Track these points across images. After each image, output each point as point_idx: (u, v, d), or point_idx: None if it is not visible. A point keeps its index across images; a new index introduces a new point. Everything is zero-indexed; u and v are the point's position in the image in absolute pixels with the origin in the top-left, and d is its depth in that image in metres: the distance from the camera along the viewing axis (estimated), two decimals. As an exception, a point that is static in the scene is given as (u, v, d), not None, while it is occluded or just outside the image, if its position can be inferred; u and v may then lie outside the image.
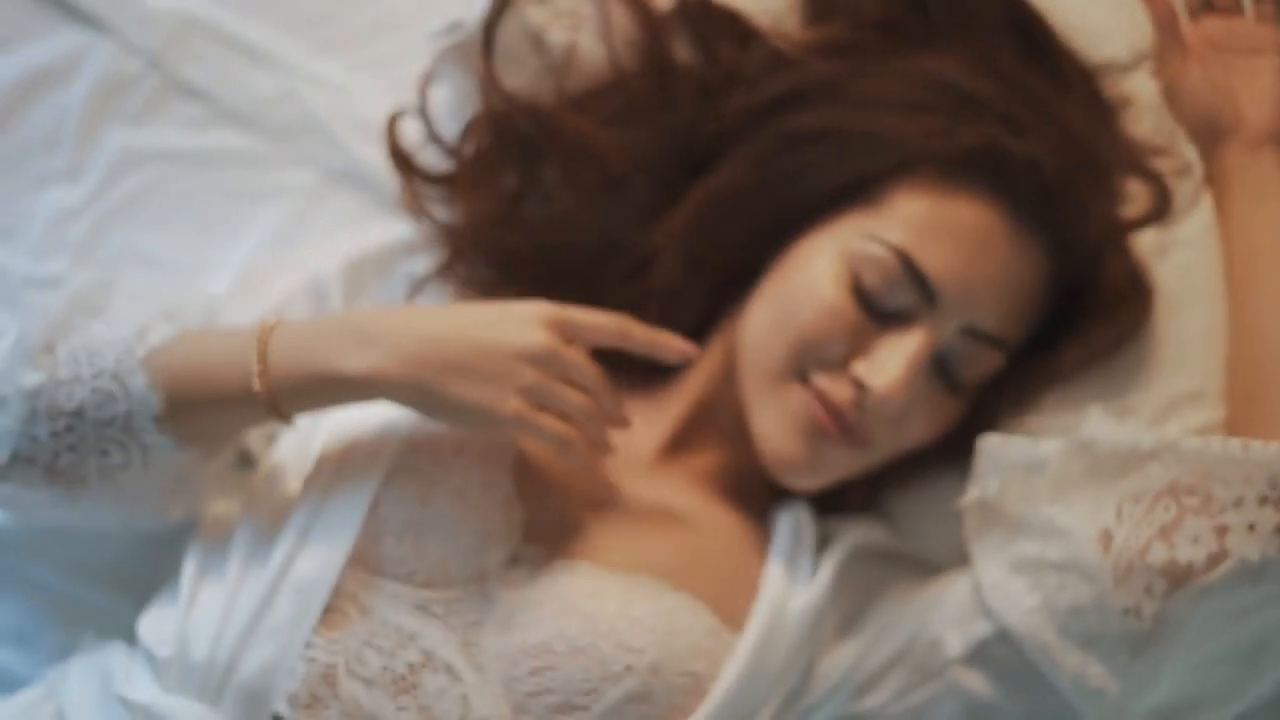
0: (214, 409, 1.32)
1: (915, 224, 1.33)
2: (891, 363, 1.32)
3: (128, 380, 1.32)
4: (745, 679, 1.31)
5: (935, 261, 1.32)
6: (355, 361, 1.28)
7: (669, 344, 1.34)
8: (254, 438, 1.44)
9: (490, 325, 1.29)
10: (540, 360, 1.28)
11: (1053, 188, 1.34)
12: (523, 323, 1.29)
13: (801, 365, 1.35)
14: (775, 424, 1.36)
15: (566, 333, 1.30)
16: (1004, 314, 1.35)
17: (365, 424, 1.37)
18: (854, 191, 1.35)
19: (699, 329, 1.45)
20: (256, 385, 1.29)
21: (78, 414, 1.32)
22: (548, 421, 1.29)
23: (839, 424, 1.33)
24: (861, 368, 1.33)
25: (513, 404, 1.27)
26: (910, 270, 1.32)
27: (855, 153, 1.35)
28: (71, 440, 1.33)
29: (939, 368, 1.35)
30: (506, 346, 1.28)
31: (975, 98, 1.36)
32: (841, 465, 1.38)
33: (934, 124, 1.34)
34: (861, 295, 1.33)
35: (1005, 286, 1.34)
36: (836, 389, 1.33)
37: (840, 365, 1.34)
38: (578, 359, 1.30)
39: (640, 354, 1.34)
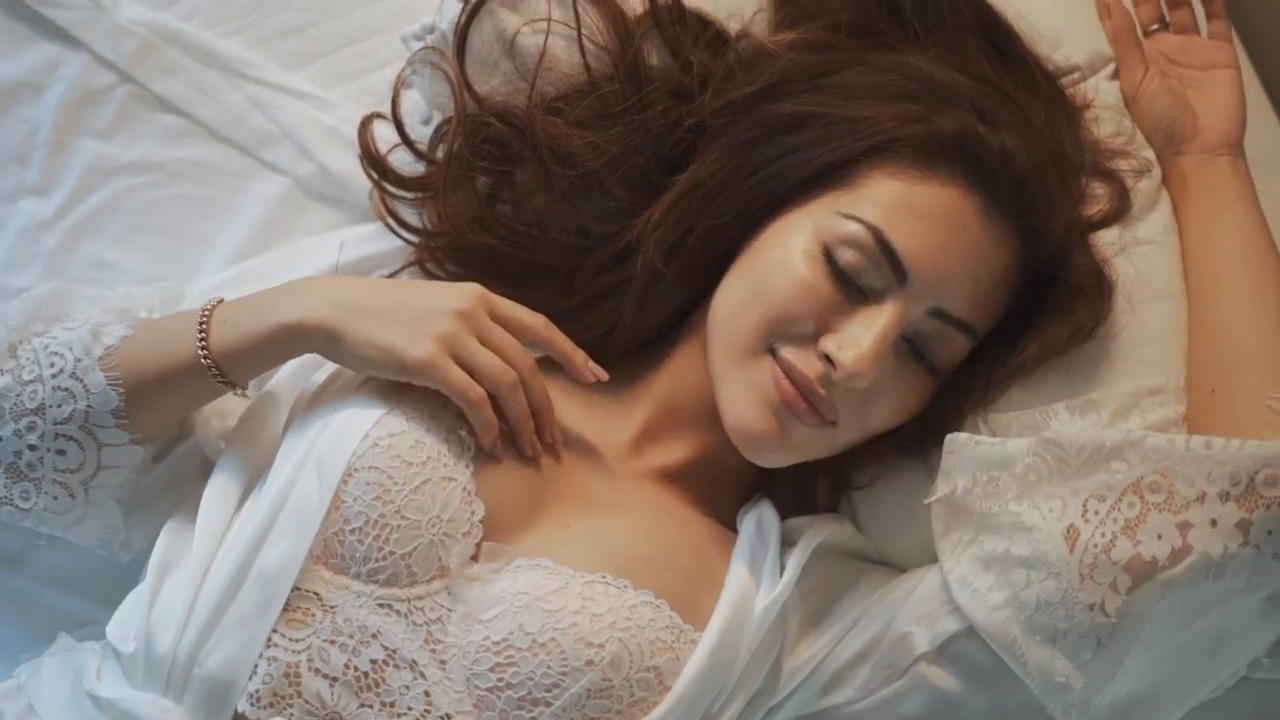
0: (168, 387, 1.36)
1: (890, 204, 1.34)
2: (862, 339, 1.32)
3: (86, 377, 1.35)
4: (707, 674, 1.30)
5: (908, 241, 1.33)
6: (287, 310, 1.33)
7: (585, 364, 1.37)
8: (209, 443, 1.45)
9: (419, 290, 1.37)
10: (461, 315, 1.32)
11: (1025, 176, 1.35)
12: (452, 290, 1.35)
13: (771, 340, 1.35)
14: (742, 397, 1.35)
15: (493, 311, 1.34)
16: (973, 298, 1.35)
17: (324, 421, 1.36)
18: (830, 175, 1.36)
19: (671, 326, 1.46)
20: (200, 351, 1.34)
21: (39, 412, 1.35)
22: (457, 374, 1.32)
23: (806, 398, 1.33)
24: (830, 343, 1.33)
25: (426, 348, 1.31)
26: (883, 248, 1.32)
27: (832, 137, 1.36)
28: (32, 439, 1.36)
29: (907, 350, 1.36)
30: (429, 302, 1.33)
31: (950, 88, 1.37)
32: (808, 444, 1.37)
33: (911, 110, 1.36)
34: (834, 272, 1.33)
35: (975, 271, 1.35)
36: (804, 362, 1.33)
37: (809, 340, 1.34)
38: (499, 329, 1.34)
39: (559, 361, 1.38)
